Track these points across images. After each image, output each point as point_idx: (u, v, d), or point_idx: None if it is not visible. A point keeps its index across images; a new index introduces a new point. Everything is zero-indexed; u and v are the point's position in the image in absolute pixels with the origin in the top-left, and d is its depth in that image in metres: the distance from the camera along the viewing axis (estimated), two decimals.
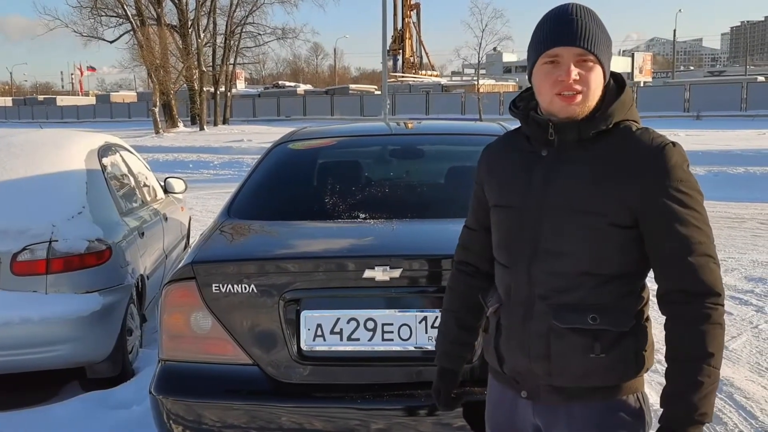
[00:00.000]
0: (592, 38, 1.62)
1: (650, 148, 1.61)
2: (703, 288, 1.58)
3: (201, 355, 2.58)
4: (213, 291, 2.51)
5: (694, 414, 1.55)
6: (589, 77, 1.63)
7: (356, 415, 2.44)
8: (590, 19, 1.64)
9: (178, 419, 2.52)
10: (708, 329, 1.56)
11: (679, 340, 1.59)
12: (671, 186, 1.58)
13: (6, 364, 3.80)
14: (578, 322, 1.64)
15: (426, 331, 2.45)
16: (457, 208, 3.25)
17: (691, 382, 1.56)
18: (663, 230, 1.59)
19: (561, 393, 1.70)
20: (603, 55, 1.64)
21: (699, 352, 1.56)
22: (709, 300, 1.58)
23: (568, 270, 1.66)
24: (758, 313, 5.47)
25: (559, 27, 1.64)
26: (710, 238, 1.61)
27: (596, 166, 1.64)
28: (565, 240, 1.66)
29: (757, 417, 3.64)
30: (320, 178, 3.64)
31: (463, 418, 2.41)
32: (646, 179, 1.59)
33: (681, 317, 1.59)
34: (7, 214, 3.95)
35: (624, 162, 1.62)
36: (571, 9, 1.65)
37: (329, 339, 2.48)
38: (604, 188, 1.62)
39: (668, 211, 1.58)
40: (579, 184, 1.64)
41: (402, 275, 2.42)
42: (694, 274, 1.58)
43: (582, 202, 1.63)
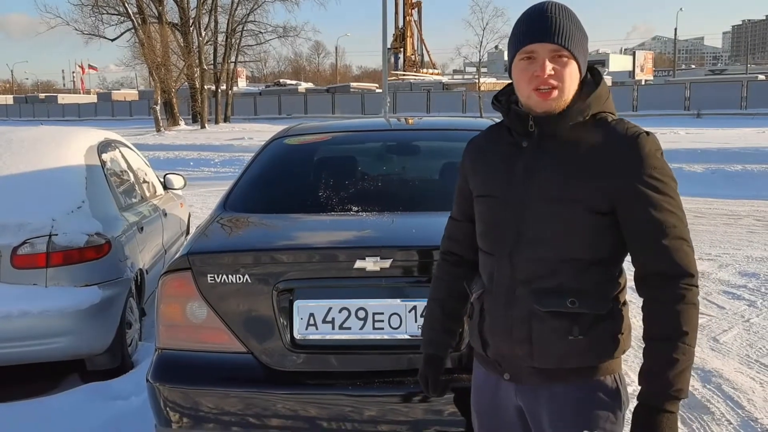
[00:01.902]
0: (565, 34, 1.68)
1: (625, 138, 1.68)
2: (678, 270, 1.65)
3: (197, 344, 2.64)
4: (208, 281, 2.57)
5: (670, 390, 1.62)
6: (563, 72, 1.69)
7: (348, 402, 2.50)
8: (564, 16, 1.71)
9: (174, 406, 2.58)
10: (682, 309, 1.63)
11: (655, 320, 1.67)
12: (645, 173, 1.65)
13: (6, 356, 3.87)
14: (558, 305, 1.72)
15: (416, 320, 2.51)
16: (447, 201, 3.32)
17: (667, 360, 1.63)
18: (638, 215, 1.67)
19: (542, 374, 1.77)
20: (577, 50, 1.70)
21: (674, 331, 1.63)
22: (683, 281, 1.64)
23: (548, 256, 1.73)
24: (750, 307, 5.53)
25: (534, 24, 1.71)
26: (683, 222, 1.68)
27: (574, 156, 1.71)
28: (545, 228, 1.72)
29: (744, 407, 3.70)
30: (315, 173, 3.70)
31: (454, 404, 2.47)
32: (621, 167, 1.66)
33: (657, 298, 1.67)
34: (8, 208, 4.02)
35: (600, 151, 1.69)
36: (547, 6, 1.72)
37: (321, 328, 2.54)
38: (581, 177, 1.69)
39: (643, 197, 1.65)
40: (558, 174, 1.71)
41: (392, 266, 2.48)
42: (668, 256, 1.65)
43: (560, 191, 1.70)
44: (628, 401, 1.80)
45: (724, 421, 3.57)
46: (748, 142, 18.31)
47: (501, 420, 1.91)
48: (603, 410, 1.75)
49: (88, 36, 38.46)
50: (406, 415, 2.50)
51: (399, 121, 4.68)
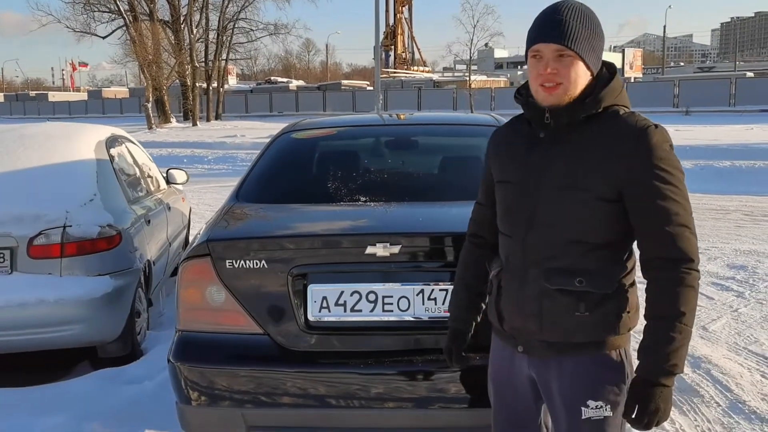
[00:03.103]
0: (570, 35, 1.80)
1: (635, 129, 1.81)
2: (679, 254, 1.78)
3: (215, 326, 2.78)
4: (226, 267, 2.70)
5: (666, 364, 1.77)
6: (567, 71, 1.82)
7: (358, 380, 2.65)
8: (574, 17, 1.82)
9: (194, 384, 2.72)
10: (681, 291, 1.78)
11: (655, 300, 1.81)
12: (652, 163, 1.77)
13: (23, 342, 4.00)
14: (566, 284, 1.87)
15: (423, 303, 2.65)
16: (451, 191, 3.49)
17: (664, 337, 1.78)
18: (644, 203, 1.80)
19: (552, 348, 1.93)
20: (583, 49, 1.81)
21: (672, 311, 1.78)
22: (684, 265, 1.78)
23: (558, 239, 1.88)
24: (738, 297, 5.72)
25: (542, 24, 1.86)
26: (687, 210, 1.80)
27: (585, 146, 1.84)
28: (556, 213, 1.87)
29: (732, 390, 3.88)
30: (323, 165, 3.84)
31: (459, 382, 2.63)
32: (629, 157, 1.79)
33: (658, 280, 1.81)
34: (24, 201, 4.14)
35: (610, 142, 1.81)
36: (558, 7, 1.85)
37: (334, 310, 2.68)
38: (591, 166, 1.82)
39: (649, 186, 1.78)
40: (569, 163, 1.85)
41: (401, 251, 2.62)
42: (670, 242, 1.78)
43: (572, 178, 1.84)
44: (631, 374, 1.93)
45: (713, 403, 3.74)
46: (737, 138, 18.57)
47: (515, 389, 2.08)
48: (608, 382, 1.91)
49: (80, 34, 38.35)
50: (413, 393, 2.64)
51: (402, 116, 4.83)
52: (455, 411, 2.66)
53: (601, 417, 1.91)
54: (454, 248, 2.67)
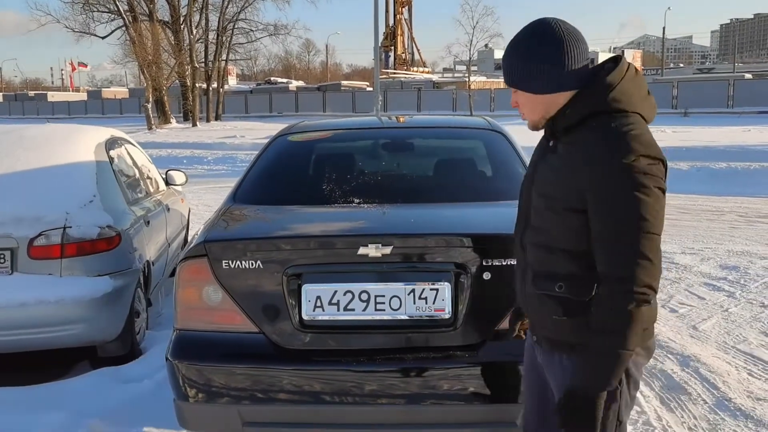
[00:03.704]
0: (510, 73, 1.96)
1: (598, 140, 1.80)
2: (610, 271, 1.78)
3: (212, 325, 2.86)
4: (223, 267, 2.79)
5: (580, 378, 1.84)
6: (522, 101, 1.99)
7: (351, 377, 2.73)
8: (513, 53, 1.94)
9: (191, 382, 2.80)
10: (605, 310, 1.79)
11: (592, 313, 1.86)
12: (604, 173, 1.76)
13: (24, 342, 4.07)
14: (548, 289, 1.96)
15: (414, 302, 2.73)
16: (442, 194, 3.57)
17: (583, 352, 1.85)
18: (591, 215, 1.82)
19: (548, 342, 2.05)
20: (522, 81, 1.94)
21: (594, 328, 1.81)
22: (612, 285, 1.77)
23: (543, 244, 1.97)
24: (729, 298, 5.79)
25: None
26: (629, 226, 1.74)
27: (564, 156, 1.91)
28: (540, 219, 1.97)
29: (719, 388, 3.95)
30: (319, 168, 3.93)
31: (449, 380, 2.71)
32: (589, 168, 1.80)
33: (597, 294, 1.84)
34: (24, 202, 4.21)
35: (579, 152, 1.85)
36: (506, 48, 1.99)
37: (328, 309, 2.76)
38: (560, 175, 1.90)
39: (596, 196, 1.79)
40: (548, 172, 1.96)
41: (393, 252, 2.70)
42: (604, 257, 1.80)
43: (546, 187, 1.95)
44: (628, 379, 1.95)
45: (700, 400, 3.82)
46: (734, 140, 18.66)
47: (536, 375, 2.21)
48: None
49: (79, 34, 38.42)
50: (405, 389, 2.72)
51: (396, 119, 4.91)
52: (446, 407, 2.74)
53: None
54: (444, 249, 2.75)
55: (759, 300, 5.70)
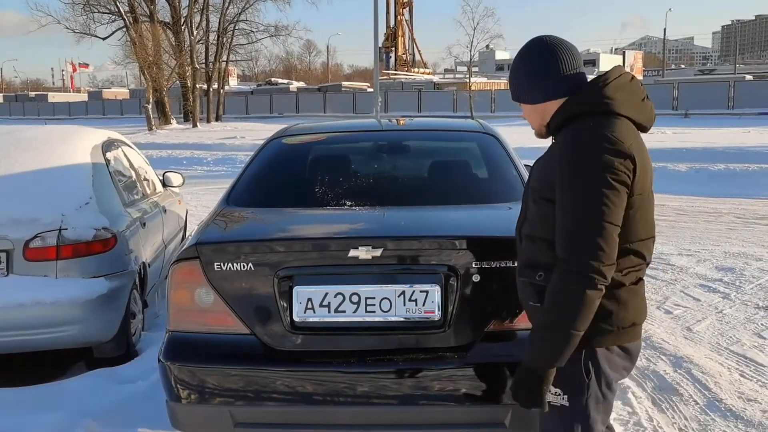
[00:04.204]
0: (516, 91, 2.17)
1: (572, 135, 1.98)
2: (562, 255, 1.93)
3: (204, 326, 2.88)
4: (215, 269, 2.81)
5: (528, 352, 2.02)
6: (525, 112, 2.20)
7: (342, 378, 2.75)
8: (512, 73, 2.17)
9: (184, 383, 2.83)
10: (555, 290, 1.93)
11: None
12: (569, 165, 1.94)
13: (19, 343, 4.09)
14: (530, 276, 2.11)
15: (404, 304, 2.75)
16: (434, 196, 3.59)
17: (535, 328, 2.03)
18: (556, 202, 1.98)
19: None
20: (524, 95, 2.14)
21: (545, 307, 1.97)
22: (564, 267, 1.91)
23: (529, 234, 2.14)
24: (724, 299, 5.81)
25: None
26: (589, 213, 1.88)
27: (547, 152, 2.11)
28: (530, 212, 2.14)
29: (711, 389, 3.98)
30: (311, 170, 3.95)
31: (439, 381, 2.73)
32: (558, 160, 1.98)
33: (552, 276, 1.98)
34: (20, 203, 4.24)
35: (558, 146, 2.04)
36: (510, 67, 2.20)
37: (318, 311, 2.78)
38: (540, 169, 2.12)
39: (560, 185, 1.95)
40: (537, 169, 2.15)
41: (383, 254, 2.72)
42: (560, 242, 1.95)
43: (534, 181, 2.14)
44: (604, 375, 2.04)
45: (691, 401, 3.84)
46: (733, 141, 18.67)
47: None
48: (564, 373, 2.03)
49: (79, 35, 38.45)
50: (396, 390, 2.74)
51: (390, 122, 4.93)
52: (436, 408, 2.76)
53: (558, 404, 2.06)
54: (434, 251, 2.77)
55: (753, 302, 5.72)
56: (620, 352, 2.04)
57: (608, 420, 2.15)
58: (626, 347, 2.06)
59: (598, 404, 2.04)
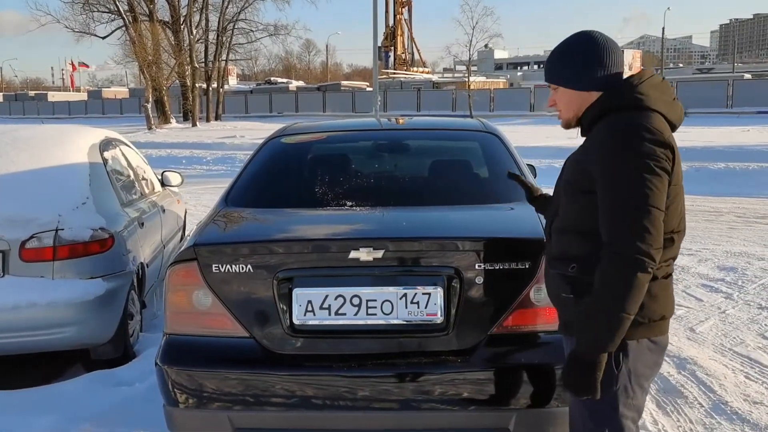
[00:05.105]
0: (553, 71, 2.21)
1: (610, 126, 2.01)
2: (609, 240, 1.94)
3: (202, 329, 2.83)
4: (213, 271, 2.76)
5: (578, 341, 1.99)
6: (558, 98, 2.22)
7: (343, 382, 2.70)
8: (554, 56, 2.20)
9: (181, 387, 2.78)
10: (604, 274, 1.93)
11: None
12: (611, 153, 1.96)
13: (15, 345, 4.04)
14: (561, 269, 2.13)
15: (406, 306, 2.70)
16: (435, 197, 3.54)
17: (584, 313, 1.98)
18: (599, 191, 1.99)
19: (564, 327, 2.21)
20: (563, 79, 2.18)
21: (595, 291, 1.96)
22: (612, 251, 1.92)
23: (560, 227, 2.17)
24: (727, 299, 5.77)
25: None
26: (635, 197, 1.90)
27: (582, 148, 2.15)
28: (563, 204, 2.18)
29: (716, 391, 3.93)
30: (311, 170, 3.90)
31: (441, 385, 2.68)
32: (599, 150, 2.01)
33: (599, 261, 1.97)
34: (16, 204, 4.18)
35: (595, 138, 2.07)
36: (550, 53, 2.24)
37: (319, 314, 2.73)
38: (575, 163, 2.14)
39: (603, 173, 1.97)
40: (570, 163, 2.20)
41: (385, 256, 2.67)
42: (606, 228, 1.97)
43: (568, 174, 2.17)
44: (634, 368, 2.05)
45: (696, 404, 3.79)
46: (732, 140, 18.64)
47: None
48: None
49: (79, 34, 38.38)
50: (397, 395, 2.69)
51: (391, 121, 4.88)
52: (439, 412, 2.71)
53: (586, 398, 2.02)
54: (436, 252, 2.72)
55: (756, 302, 5.67)
56: (650, 345, 2.07)
57: (638, 421, 2.13)
58: (655, 340, 2.08)
59: (627, 399, 2.05)
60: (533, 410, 2.70)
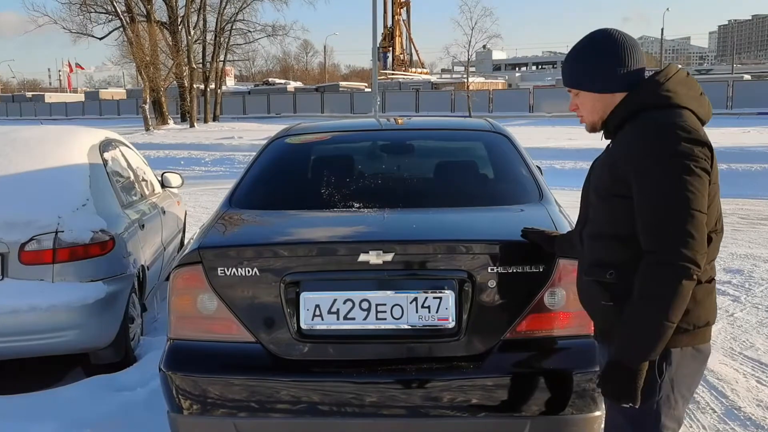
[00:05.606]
0: (569, 75, 2.12)
1: (644, 127, 1.92)
2: (651, 246, 1.86)
3: (207, 334, 2.76)
4: (218, 274, 2.69)
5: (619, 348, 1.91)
6: (582, 102, 2.12)
7: (351, 389, 2.63)
8: (572, 58, 2.11)
9: (185, 393, 2.70)
10: (646, 281, 1.85)
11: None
12: (648, 157, 1.87)
13: (14, 349, 3.96)
14: (598, 275, 2.05)
15: (417, 311, 2.63)
16: (445, 198, 3.47)
17: (626, 320, 1.89)
18: (637, 195, 1.91)
19: (601, 335, 2.15)
20: (582, 82, 2.09)
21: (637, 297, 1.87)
22: (655, 257, 1.84)
23: (595, 233, 2.09)
24: (734, 302, 5.70)
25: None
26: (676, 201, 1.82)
27: (610, 151, 2.07)
28: (593, 210, 2.11)
29: (728, 396, 3.86)
30: (317, 171, 3.83)
31: (452, 392, 2.61)
32: (635, 153, 1.91)
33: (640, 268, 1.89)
34: (15, 206, 4.10)
35: (627, 140, 1.97)
36: (566, 55, 2.14)
37: (327, 318, 2.66)
38: (604, 167, 2.05)
39: (641, 178, 1.89)
40: (600, 166, 2.11)
41: (394, 259, 2.60)
42: (647, 234, 1.88)
43: (598, 179, 2.09)
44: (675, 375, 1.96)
45: (708, 409, 3.73)
46: (733, 141, 18.57)
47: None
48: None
49: (76, 35, 38.27)
50: (407, 402, 2.62)
51: (395, 121, 4.81)
52: (450, 420, 2.64)
53: (627, 406, 1.94)
54: (447, 255, 2.65)
55: (765, 304, 5.61)
56: (694, 353, 1.99)
57: None
58: (699, 348, 2.00)
59: (669, 409, 1.98)
60: (547, 418, 2.63)
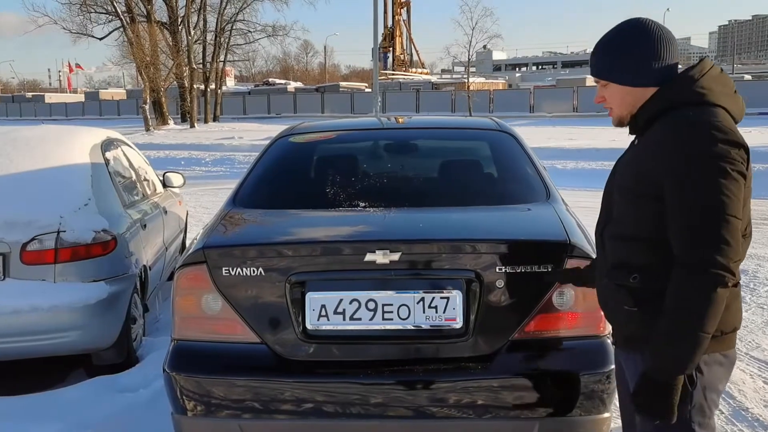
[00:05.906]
0: (598, 66, 2.03)
1: (677, 127, 1.83)
2: (684, 253, 1.79)
3: (211, 335, 2.73)
4: (223, 274, 2.66)
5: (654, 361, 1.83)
6: (606, 94, 2.05)
7: (358, 390, 2.60)
8: (603, 48, 2.02)
9: (190, 394, 2.68)
10: (680, 291, 1.78)
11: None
12: (682, 159, 1.78)
13: (16, 350, 3.93)
14: (622, 279, 1.96)
15: (423, 311, 2.60)
16: (451, 197, 3.44)
17: (660, 333, 1.81)
18: (669, 199, 1.83)
19: (624, 341, 2.06)
20: (612, 74, 2.00)
21: (671, 309, 1.79)
22: (689, 266, 1.77)
23: (619, 234, 2.00)
24: None
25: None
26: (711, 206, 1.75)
27: (637, 149, 1.99)
28: (618, 211, 2.02)
29: (735, 397, 3.83)
30: (323, 170, 3.80)
31: (457, 393, 2.58)
32: (667, 154, 1.82)
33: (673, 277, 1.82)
34: (17, 205, 4.07)
35: (657, 140, 1.88)
36: (596, 44, 2.06)
37: (333, 319, 2.63)
38: (634, 166, 1.95)
39: (675, 181, 1.80)
40: (624, 166, 2.03)
41: (401, 258, 2.58)
42: (680, 240, 1.81)
43: (623, 178, 2.00)
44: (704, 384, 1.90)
45: (716, 411, 3.68)
46: None
47: (620, 378, 2.20)
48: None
49: (76, 35, 38.21)
50: (414, 403, 2.59)
51: (399, 120, 4.78)
52: (457, 422, 2.61)
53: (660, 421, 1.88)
54: (455, 255, 2.62)
55: None
56: (721, 359, 1.92)
57: None
58: (726, 354, 1.93)
59: (703, 418, 1.90)
60: (556, 419, 2.60)
